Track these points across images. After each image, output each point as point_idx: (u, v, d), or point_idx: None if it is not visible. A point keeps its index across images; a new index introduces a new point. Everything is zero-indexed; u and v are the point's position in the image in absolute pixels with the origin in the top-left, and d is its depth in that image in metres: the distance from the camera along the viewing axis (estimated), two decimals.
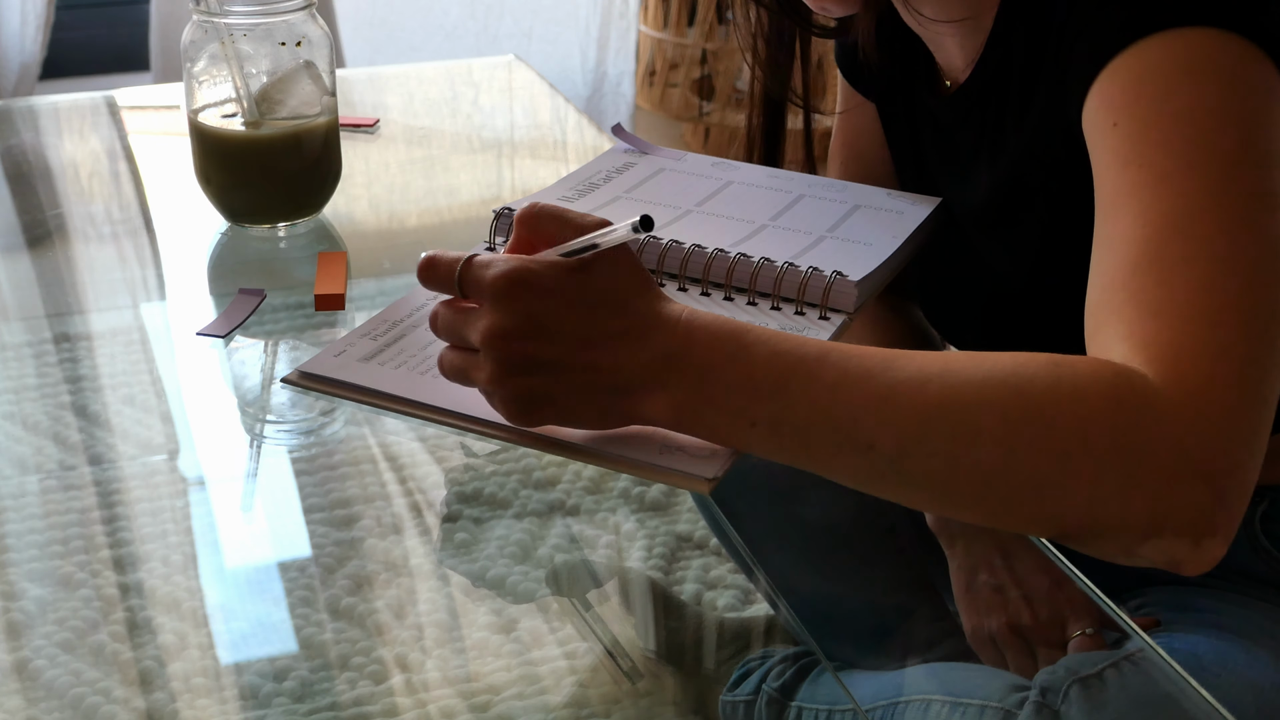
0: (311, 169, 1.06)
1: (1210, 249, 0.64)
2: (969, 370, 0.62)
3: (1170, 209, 0.65)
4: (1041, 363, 0.62)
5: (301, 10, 1.02)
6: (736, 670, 0.82)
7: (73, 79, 2.74)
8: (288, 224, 1.08)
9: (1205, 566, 0.61)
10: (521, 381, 0.66)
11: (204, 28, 1.02)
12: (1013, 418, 0.60)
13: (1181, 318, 0.62)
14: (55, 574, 0.82)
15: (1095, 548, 0.63)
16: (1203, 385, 0.60)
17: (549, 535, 0.89)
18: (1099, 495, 0.60)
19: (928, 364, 0.63)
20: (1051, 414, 0.60)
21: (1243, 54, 0.69)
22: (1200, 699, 0.66)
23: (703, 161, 1.04)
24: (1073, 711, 0.66)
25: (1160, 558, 0.61)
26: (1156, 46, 0.70)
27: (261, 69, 1.02)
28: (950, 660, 0.81)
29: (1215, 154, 0.66)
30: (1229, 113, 0.67)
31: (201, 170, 1.06)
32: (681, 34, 2.99)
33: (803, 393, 0.63)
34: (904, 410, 0.61)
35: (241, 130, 1.03)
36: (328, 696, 0.75)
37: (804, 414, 0.63)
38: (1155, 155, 0.67)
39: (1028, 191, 0.83)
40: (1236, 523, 0.61)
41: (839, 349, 0.64)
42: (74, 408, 0.95)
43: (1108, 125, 0.71)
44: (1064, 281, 0.80)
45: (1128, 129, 0.69)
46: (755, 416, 0.63)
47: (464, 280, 0.68)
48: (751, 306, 0.83)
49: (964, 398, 0.61)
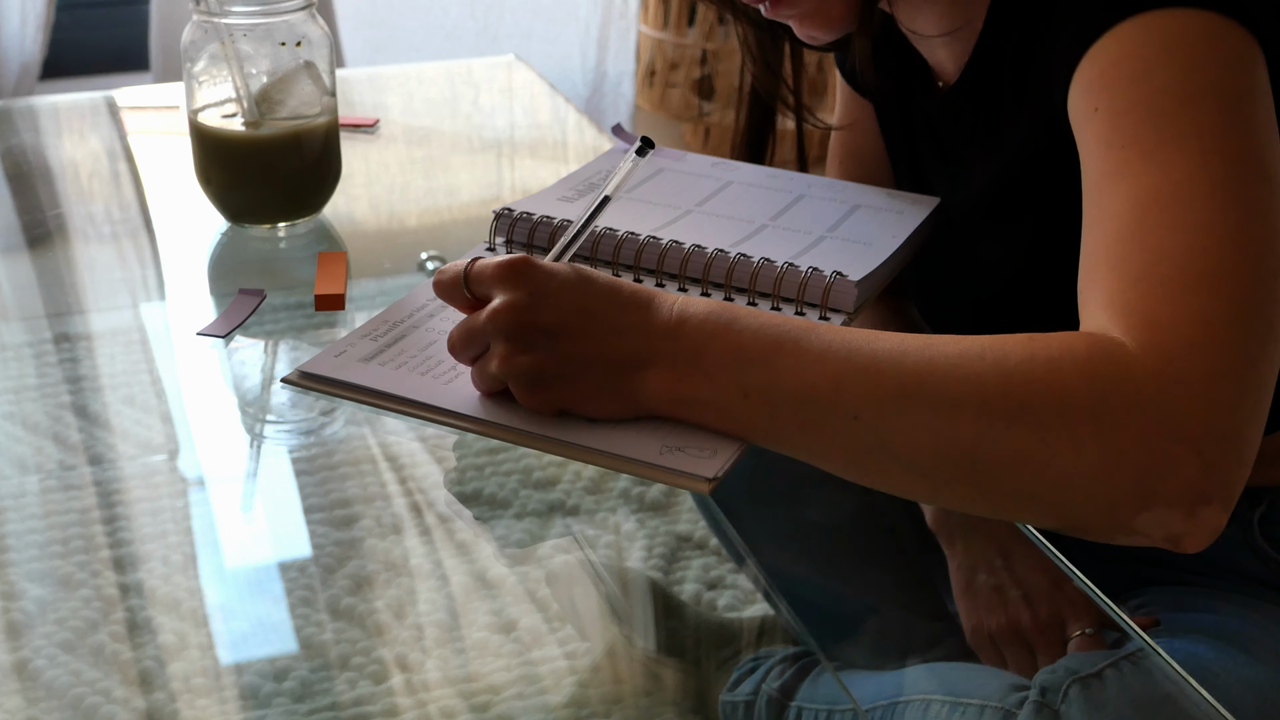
0: (311, 169, 1.06)
1: (1192, 218, 0.64)
2: (948, 345, 0.63)
3: (1153, 183, 0.66)
4: (1018, 339, 0.62)
5: (301, 10, 1.02)
6: (736, 670, 0.82)
7: (73, 79, 2.74)
8: (288, 224, 1.08)
9: (1206, 539, 0.60)
10: (532, 357, 0.67)
11: (204, 28, 1.01)
12: (988, 389, 0.61)
13: (1161, 284, 0.62)
14: (55, 574, 0.82)
15: (1089, 527, 0.62)
16: (1182, 351, 0.60)
17: (549, 535, 0.89)
18: (1082, 467, 0.59)
19: (909, 339, 0.64)
20: (1026, 387, 0.60)
21: (1220, 30, 0.69)
22: (1200, 699, 0.66)
23: (703, 161, 1.04)
24: (1072, 711, 0.66)
25: (1157, 532, 0.60)
26: (1134, 29, 0.70)
27: (261, 69, 1.02)
28: (950, 660, 0.81)
29: (1197, 128, 0.66)
30: (1209, 87, 0.67)
31: (202, 170, 1.06)
32: (681, 34, 2.99)
33: (791, 361, 0.64)
34: (884, 379, 0.62)
35: (241, 130, 1.03)
36: (328, 696, 0.75)
37: (791, 382, 0.64)
38: (1138, 133, 0.68)
39: (1021, 186, 0.84)
40: (1234, 491, 0.60)
41: (826, 325, 0.66)
42: (74, 408, 0.95)
43: (1090, 110, 0.71)
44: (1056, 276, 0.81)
45: (1109, 110, 0.69)
46: (747, 386, 0.65)
47: (469, 276, 0.70)
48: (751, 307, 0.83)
49: (940, 369, 0.62)
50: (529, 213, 0.90)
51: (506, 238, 0.91)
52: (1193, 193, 0.64)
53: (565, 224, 0.89)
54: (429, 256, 1.12)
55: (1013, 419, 0.60)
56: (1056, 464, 0.60)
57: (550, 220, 0.89)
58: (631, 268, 0.86)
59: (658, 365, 0.67)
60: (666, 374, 0.67)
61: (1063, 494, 0.61)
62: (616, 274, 0.86)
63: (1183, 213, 0.64)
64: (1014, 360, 0.61)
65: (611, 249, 0.87)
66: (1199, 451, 0.59)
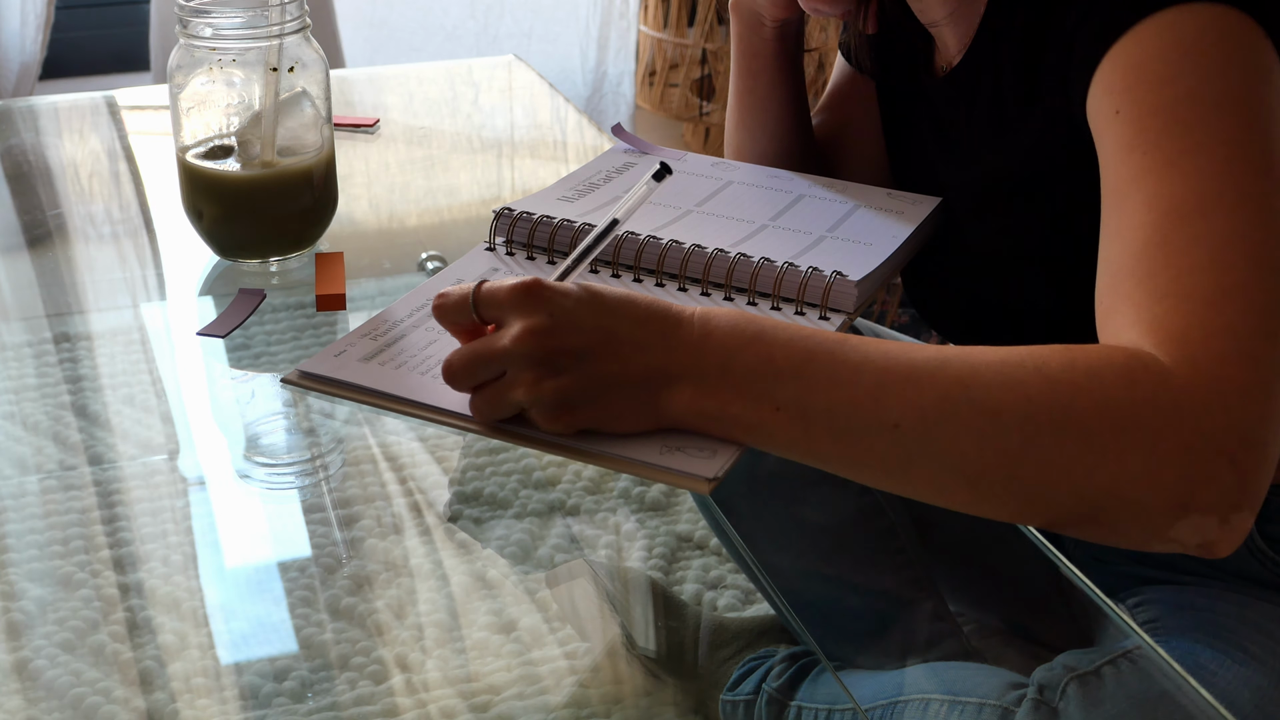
0: (309, 207, 1.01)
1: (1216, 231, 0.64)
2: (987, 354, 0.62)
3: (1175, 193, 0.66)
4: (1053, 349, 0.62)
5: (296, 34, 0.96)
6: (736, 670, 0.82)
7: (73, 79, 2.74)
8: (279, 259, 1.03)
9: (1236, 543, 0.61)
10: (559, 382, 0.65)
11: (191, 51, 0.95)
12: (1033, 395, 0.61)
13: (1189, 299, 0.63)
14: (55, 574, 0.82)
15: (1126, 534, 0.62)
16: (1214, 364, 0.61)
17: (549, 535, 0.89)
18: (1126, 473, 0.60)
19: (945, 349, 0.63)
20: (1070, 393, 0.60)
21: (1241, 31, 0.69)
22: (1197, 697, 0.66)
23: (703, 161, 1.04)
24: (1070, 709, 0.66)
25: (1192, 539, 0.61)
26: (1155, 29, 0.70)
27: (253, 95, 0.97)
28: (949, 660, 0.81)
29: (1219, 137, 0.66)
30: (1231, 95, 0.67)
31: (191, 206, 1.01)
32: (681, 34, 2.99)
33: (825, 373, 0.63)
34: (926, 387, 0.62)
35: (234, 170, 0.97)
36: (328, 696, 0.75)
37: (827, 395, 0.63)
38: (1159, 141, 0.68)
39: (1028, 175, 0.83)
40: (1261, 497, 0.61)
41: (857, 337, 0.65)
42: (74, 408, 0.95)
43: (1110, 113, 0.71)
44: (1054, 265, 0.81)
45: (1130, 115, 0.69)
46: (779, 399, 0.64)
47: (479, 301, 0.67)
48: (751, 307, 0.83)
49: (984, 376, 0.61)
50: (529, 212, 0.90)
51: (506, 237, 0.91)
52: (1216, 204, 0.65)
53: (566, 224, 0.89)
54: (429, 256, 1.12)
55: (1059, 427, 0.60)
56: (1100, 472, 0.60)
57: (550, 220, 0.89)
58: (631, 268, 0.86)
59: (684, 380, 0.65)
60: (693, 389, 0.65)
61: (1104, 501, 0.61)
62: (616, 274, 0.86)
63: (1207, 225, 0.64)
64: (1055, 368, 0.61)
65: (612, 249, 0.87)
66: (1234, 462, 0.60)
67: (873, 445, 0.63)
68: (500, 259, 0.90)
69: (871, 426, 0.62)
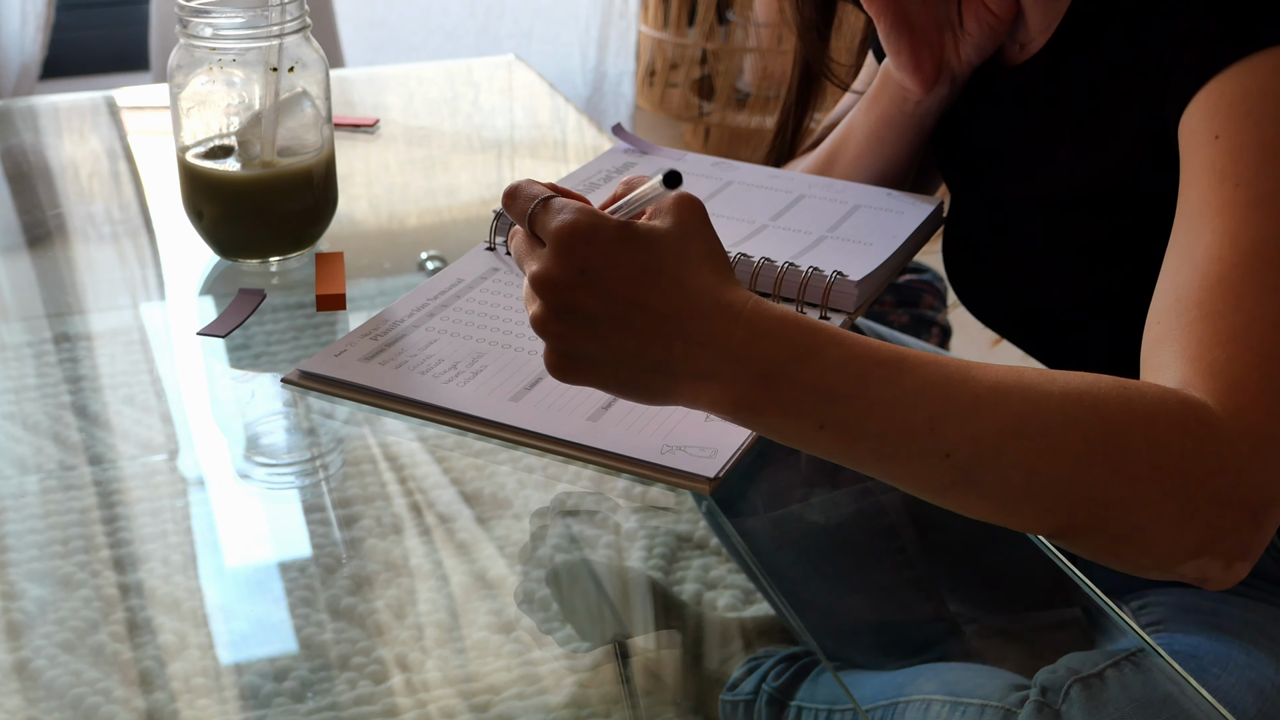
0: (310, 206, 1.01)
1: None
2: (1046, 386, 0.62)
3: (1258, 235, 0.65)
4: (1112, 384, 0.62)
5: (296, 34, 0.96)
6: (736, 670, 0.82)
7: (73, 79, 2.74)
8: (279, 259, 1.03)
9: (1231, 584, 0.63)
10: (564, 330, 0.63)
11: (191, 51, 0.96)
12: (1091, 437, 0.61)
13: (1251, 350, 0.63)
14: (55, 574, 0.82)
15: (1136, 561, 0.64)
16: (1262, 420, 0.61)
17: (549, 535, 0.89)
18: (1159, 518, 0.61)
19: (1005, 376, 0.62)
20: (1126, 436, 0.61)
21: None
22: (1201, 699, 0.66)
23: (703, 161, 1.04)
24: (1073, 711, 0.66)
25: (1193, 575, 0.63)
26: (1269, 64, 0.69)
27: (253, 95, 0.97)
28: (950, 660, 0.81)
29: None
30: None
31: (191, 206, 1.01)
32: (681, 34, 2.99)
33: (880, 399, 0.61)
34: (986, 421, 0.61)
35: (235, 170, 0.98)
36: (328, 696, 0.75)
37: (880, 420, 0.61)
38: (1255, 176, 0.67)
39: (1115, 184, 0.82)
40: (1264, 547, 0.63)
41: (912, 355, 0.63)
42: (74, 408, 0.95)
43: (1209, 136, 0.70)
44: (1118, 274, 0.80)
45: (1230, 144, 0.69)
46: (825, 420, 0.62)
47: (534, 219, 0.66)
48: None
49: (1044, 413, 0.61)
50: None
51: (507, 237, 0.91)
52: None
53: None
54: (429, 256, 1.12)
55: (1111, 469, 0.60)
56: (1138, 512, 0.61)
57: None
58: None
59: (713, 382, 0.62)
60: (724, 393, 0.62)
61: (1131, 536, 0.62)
62: None
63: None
64: (1113, 408, 0.61)
65: None
66: (1254, 515, 0.61)
67: (918, 468, 0.62)
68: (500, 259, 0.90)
69: (922, 453, 0.61)
